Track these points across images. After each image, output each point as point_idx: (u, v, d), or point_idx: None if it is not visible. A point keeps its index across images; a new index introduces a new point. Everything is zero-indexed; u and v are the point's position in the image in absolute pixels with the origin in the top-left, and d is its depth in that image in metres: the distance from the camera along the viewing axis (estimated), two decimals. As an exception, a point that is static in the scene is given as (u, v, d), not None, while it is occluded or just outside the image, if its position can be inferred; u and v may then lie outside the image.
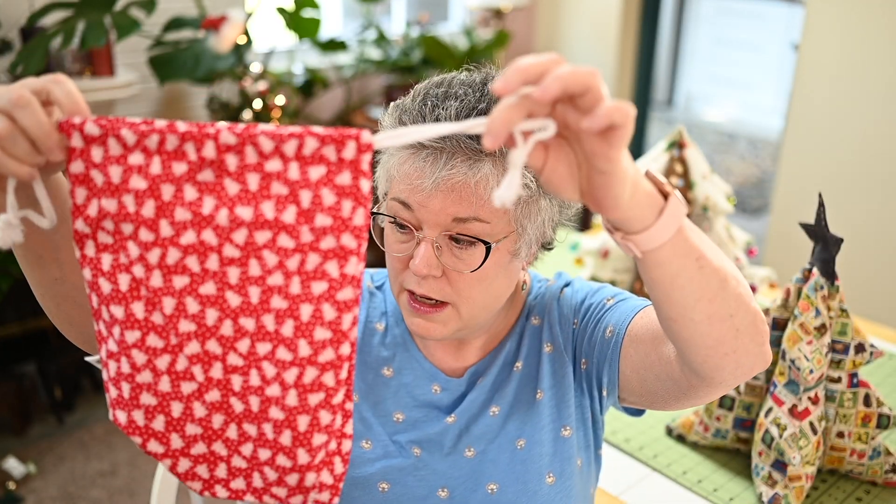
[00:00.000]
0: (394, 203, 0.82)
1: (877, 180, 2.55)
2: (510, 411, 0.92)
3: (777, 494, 1.11)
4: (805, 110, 2.70)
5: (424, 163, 0.79)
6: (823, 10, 2.57)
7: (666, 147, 1.55)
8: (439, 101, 0.80)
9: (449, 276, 0.83)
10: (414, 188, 0.79)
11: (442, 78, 0.84)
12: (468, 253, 0.82)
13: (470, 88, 0.81)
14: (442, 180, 0.78)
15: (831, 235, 1.08)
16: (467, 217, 0.79)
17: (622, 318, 0.86)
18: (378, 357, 0.96)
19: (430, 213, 0.80)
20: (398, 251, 0.84)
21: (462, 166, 0.78)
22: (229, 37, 2.46)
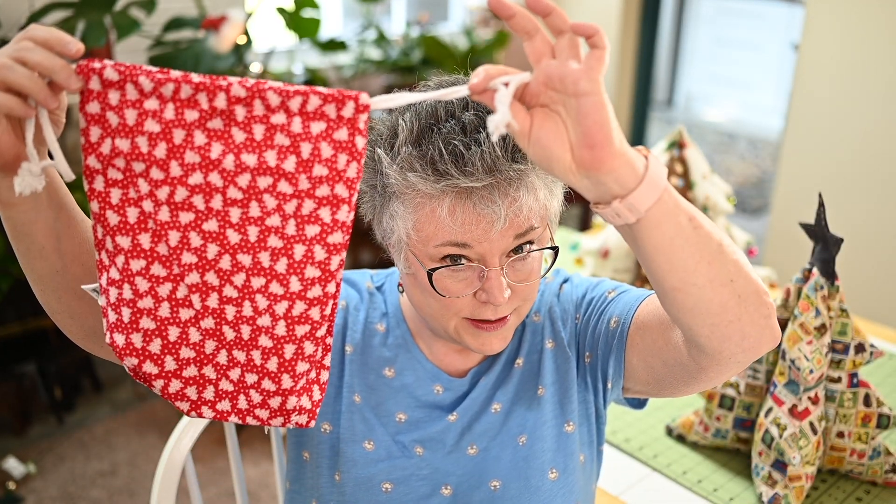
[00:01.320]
0: (445, 248, 0.78)
1: (877, 180, 2.55)
2: (511, 408, 0.93)
3: (777, 494, 1.11)
4: (805, 110, 2.70)
5: (479, 205, 0.75)
6: (823, 10, 2.57)
7: (666, 147, 1.55)
8: (465, 136, 0.75)
9: (516, 290, 0.82)
10: (479, 232, 0.76)
11: (431, 111, 0.78)
12: (528, 262, 0.81)
13: (477, 112, 0.77)
14: (512, 217, 0.76)
15: (831, 235, 1.08)
16: (526, 230, 0.78)
17: (626, 308, 0.87)
18: (379, 358, 0.95)
19: (492, 244, 0.77)
20: (460, 292, 0.81)
21: (521, 194, 0.76)
22: (229, 37, 2.46)
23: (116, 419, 2.74)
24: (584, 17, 4.03)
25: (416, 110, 0.79)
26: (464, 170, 0.74)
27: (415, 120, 0.78)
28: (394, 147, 0.78)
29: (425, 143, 0.76)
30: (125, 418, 2.75)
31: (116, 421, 2.73)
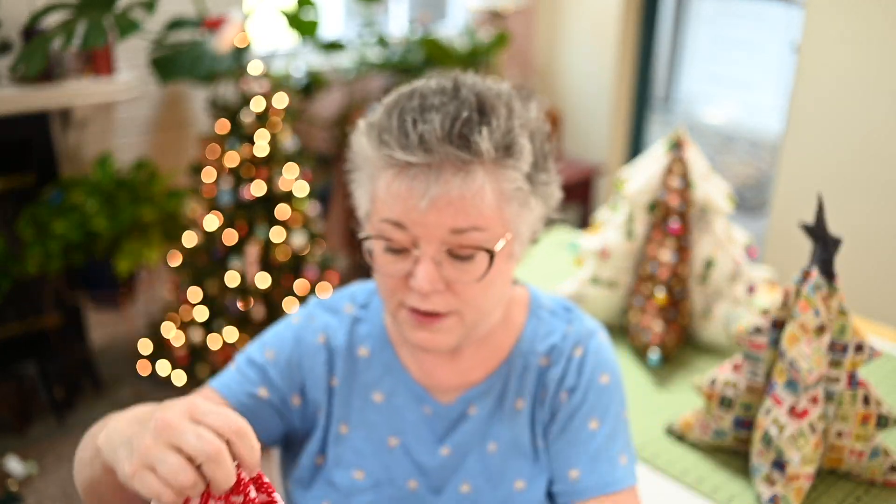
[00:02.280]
0: (384, 224, 0.80)
1: (877, 180, 2.55)
2: (509, 452, 0.91)
3: (776, 494, 1.11)
4: (805, 110, 2.70)
5: (414, 181, 0.77)
6: (823, 10, 2.57)
7: (666, 147, 1.55)
8: (418, 114, 0.77)
9: (453, 288, 0.81)
10: (408, 208, 0.77)
11: (412, 89, 0.82)
12: (468, 263, 0.80)
13: (445, 96, 0.79)
14: (438, 197, 0.76)
15: (831, 236, 1.08)
16: (466, 228, 0.78)
17: (586, 488, 0.88)
18: (364, 383, 0.94)
19: (426, 229, 0.78)
20: (394, 272, 0.82)
21: (455, 179, 0.76)
22: (229, 37, 2.46)
23: (117, 419, 2.74)
24: (584, 17, 4.03)
25: (401, 90, 0.82)
26: (403, 143, 0.76)
27: (394, 96, 0.82)
28: (369, 119, 0.83)
29: (387, 116, 0.79)
30: (126, 418, 2.75)
31: (117, 421, 2.73)
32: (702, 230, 1.52)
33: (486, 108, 0.79)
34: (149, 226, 2.69)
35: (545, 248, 2.03)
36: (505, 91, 0.84)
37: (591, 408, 0.91)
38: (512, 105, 0.82)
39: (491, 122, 0.78)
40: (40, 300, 2.88)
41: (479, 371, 0.94)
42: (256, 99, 2.50)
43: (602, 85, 4.05)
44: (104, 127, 2.88)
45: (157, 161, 3.00)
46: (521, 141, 0.80)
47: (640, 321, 1.51)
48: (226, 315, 2.56)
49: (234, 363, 0.96)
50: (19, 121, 2.67)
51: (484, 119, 0.78)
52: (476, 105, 0.79)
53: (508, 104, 0.82)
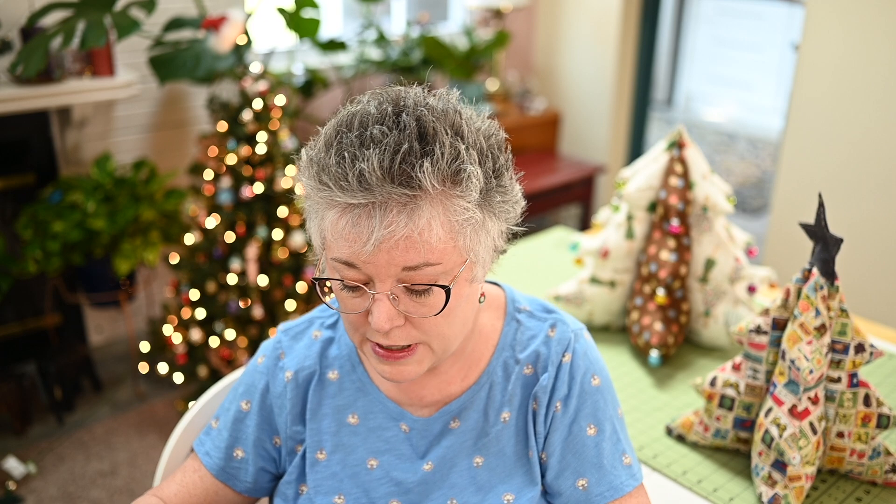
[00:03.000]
0: (336, 264, 0.77)
1: (877, 180, 2.55)
2: (498, 464, 0.90)
3: (777, 494, 1.11)
4: (805, 110, 2.70)
5: (359, 221, 0.73)
6: (823, 10, 2.57)
7: (666, 147, 1.55)
8: (357, 149, 0.73)
9: (413, 322, 0.79)
10: (356, 250, 0.74)
11: (350, 116, 0.77)
12: (425, 298, 0.78)
13: (385, 126, 0.74)
14: (383, 239, 0.73)
15: (831, 235, 1.08)
16: (418, 264, 0.75)
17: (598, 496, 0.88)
18: (337, 406, 0.93)
19: (377, 268, 0.75)
20: (352, 308, 0.80)
21: (400, 218, 0.72)
22: (229, 37, 2.46)
23: (116, 419, 2.74)
24: (584, 17, 4.03)
25: (340, 115, 0.78)
26: (340, 184, 0.72)
27: (333, 125, 0.77)
28: (310, 151, 0.78)
29: (325, 151, 0.75)
30: (125, 418, 2.74)
31: (116, 421, 2.73)
32: (702, 230, 1.52)
33: (428, 137, 0.74)
34: (148, 225, 2.68)
35: (545, 248, 2.03)
36: (451, 106, 0.78)
37: (588, 413, 0.91)
38: (458, 124, 0.77)
39: (434, 151, 0.73)
40: (40, 300, 2.88)
41: (457, 384, 0.92)
42: (256, 98, 2.50)
43: (602, 85, 4.04)
44: (103, 126, 2.88)
45: (157, 161, 3.00)
46: (469, 167, 0.75)
47: (640, 321, 1.51)
48: (225, 315, 2.56)
49: (215, 420, 1.00)
50: (19, 120, 2.67)
51: (426, 149, 0.73)
52: (417, 133, 0.74)
53: (454, 124, 0.76)
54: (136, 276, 2.90)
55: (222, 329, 2.55)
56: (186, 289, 2.60)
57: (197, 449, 0.99)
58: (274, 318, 2.59)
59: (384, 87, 0.81)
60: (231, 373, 1.58)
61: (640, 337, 1.50)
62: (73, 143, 2.80)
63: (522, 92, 4.19)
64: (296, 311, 2.59)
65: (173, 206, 2.74)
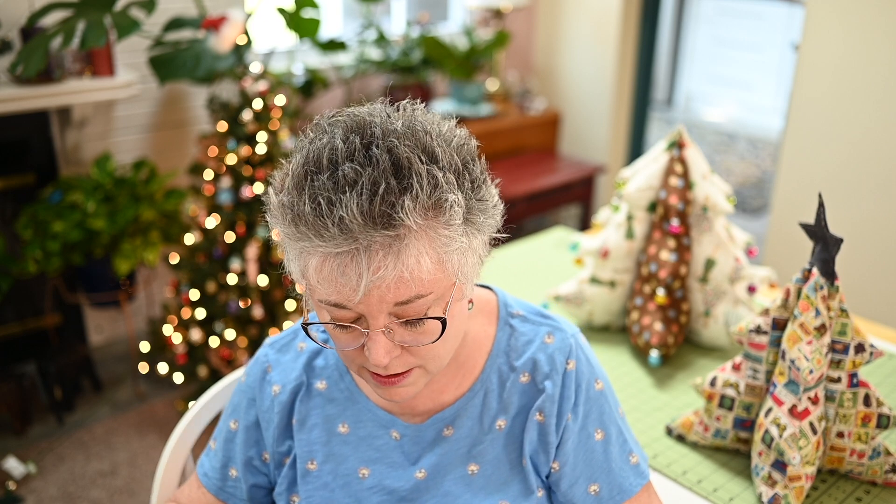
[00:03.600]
0: (325, 306, 0.75)
1: (877, 180, 2.55)
2: (493, 472, 0.89)
3: (777, 494, 1.11)
4: (805, 110, 2.70)
5: (345, 269, 0.70)
6: (823, 10, 2.57)
7: (666, 147, 1.55)
8: (332, 193, 0.69)
9: (409, 350, 0.78)
10: (345, 295, 0.72)
11: (318, 153, 0.72)
12: (420, 329, 0.76)
13: (356, 164, 0.70)
14: (373, 284, 0.70)
15: (831, 235, 1.08)
16: (409, 299, 0.73)
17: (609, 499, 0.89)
18: (327, 416, 0.92)
19: (369, 307, 0.73)
20: (348, 345, 0.78)
21: (388, 260, 0.70)
22: (229, 37, 2.46)
23: (116, 419, 2.74)
24: (584, 17, 4.03)
25: (307, 152, 0.74)
26: (321, 233, 0.69)
27: (301, 163, 0.73)
28: (279, 192, 0.75)
29: (297, 195, 0.71)
30: (125, 418, 2.74)
31: (116, 421, 2.73)
32: (702, 230, 1.52)
33: (404, 170, 0.70)
34: (148, 225, 2.69)
35: (545, 248, 2.03)
36: (419, 125, 0.75)
37: (595, 419, 0.91)
38: (430, 147, 0.73)
39: (412, 186, 0.70)
40: (40, 300, 2.88)
41: (450, 392, 0.91)
42: (256, 98, 2.50)
43: (602, 85, 4.04)
44: (103, 126, 2.88)
45: (157, 161, 3.00)
46: (450, 197, 0.72)
47: (640, 321, 1.51)
48: (225, 315, 2.56)
49: (213, 441, 1.00)
50: (19, 120, 2.67)
51: (403, 185, 0.70)
52: (391, 167, 0.70)
53: (426, 148, 0.73)
54: (136, 276, 2.91)
55: (222, 329, 2.55)
56: (186, 289, 2.60)
57: (198, 470, 1.00)
58: (274, 317, 2.59)
59: (345, 111, 0.77)
60: (231, 373, 1.58)
61: (640, 337, 1.50)
62: (73, 143, 2.80)
63: (522, 92, 4.19)
64: (296, 311, 2.59)
65: (173, 206, 2.74)
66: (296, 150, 0.77)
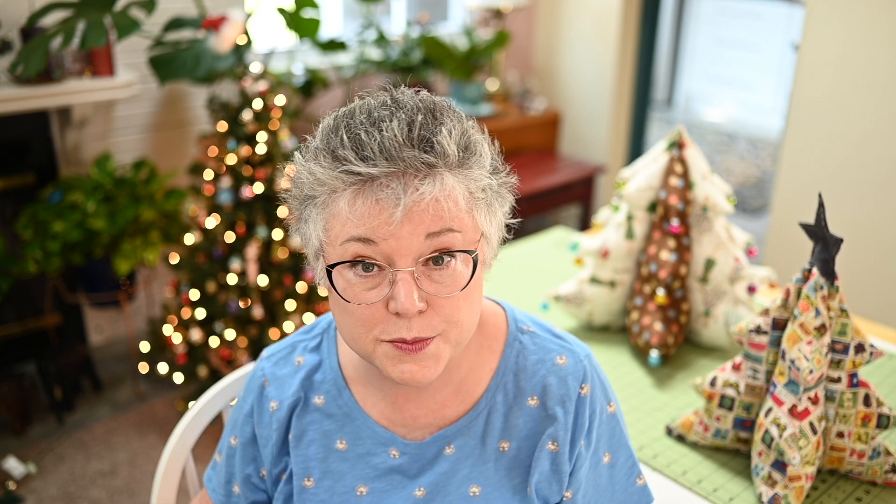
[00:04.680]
0: (351, 244, 0.73)
1: (877, 180, 2.55)
2: (497, 497, 0.86)
3: (777, 494, 1.11)
4: (805, 110, 2.70)
5: (381, 194, 0.71)
6: (823, 10, 2.57)
7: (666, 147, 1.55)
8: (370, 126, 0.72)
9: (434, 305, 0.75)
10: (379, 224, 0.71)
11: (350, 109, 0.77)
12: (448, 273, 0.75)
13: (389, 109, 0.74)
14: (412, 205, 0.71)
15: (831, 235, 1.08)
16: (441, 230, 0.72)
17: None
18: (325, 432, 0.90)
19: (399, 241, 0.71)
20: (371, 299, 0.74)
21: (426, 184, 0.71)
22: (229, 37, 2.46)
23: (116, 419, 2.74)
24: (584, 17, 4.03)
25: (336, 113, 0.78)
26: (361, 154, 0.71)
27: (331, 120, 0.77)
28: (309, 148, 0.77)
29: (333, 137, 0.74)
30: (125, 418, 2.74)
31: (116, 421, 2.73)
32: (702, 230, 1.52)
33: (437, 112, 0.75)
34: (148, 225, 2.69)
35: (545, 248, 2.03)
36: (444, 99, 0.80)
37: (605, 442, 0.89)
38: (453, 107, 0.79)
39: (446, 122, 0.74)
40: (40, 300, 2.88)
41: (453, 408, 0.88)
42: (256, 98, 2.50)
43: (602, 85, 4.04)
44: (103, 126, 2.88)
45: (157, 161, 3.00)
46: (477, 138, 0.78)
47: (640, 321, 1.51)
48: (225, 315, 2.56)
49: (218, 455, 1.00)
50: (19, 120, 2.67)
51: (438, 121, 0.74)
52: (425, 109, 0.74)
53: (450, 107, 0.78)
54: (136, 276, 2.91)
55: (222, 329, 2.55)
56: (186, 289, 2.60)
57: (206, 484, 1.00)
58: (274, 317, 2.59)
59: (368, 90, 0.80)
60: (231, 373, 1.58)
61: (640, 337, 1.50)
62: (73, 143, 2.80)
63: (522, 92, 4.19)
64: (296, 311, 2.59)
65: (173, 206, 2.74)
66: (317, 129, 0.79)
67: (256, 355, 2.55)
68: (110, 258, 2.68)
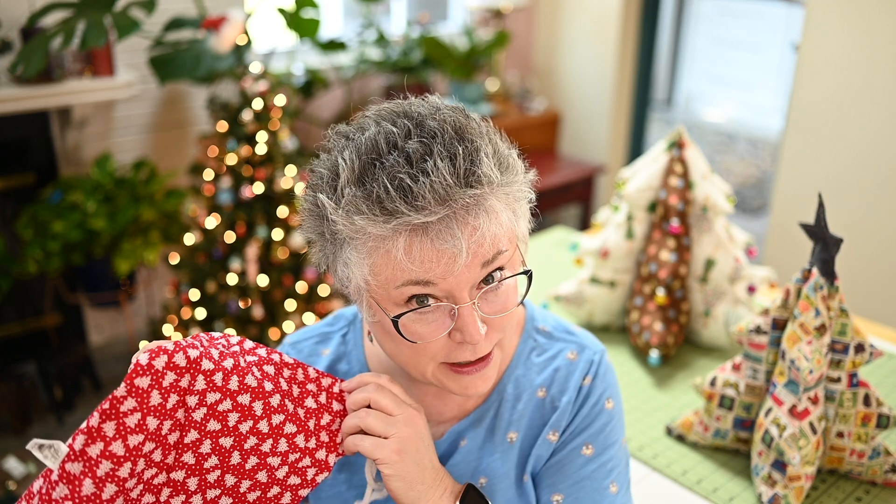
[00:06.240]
0: (408, 288, 0.71)
1: (877, 180, 2.55)
2: (500, 485, 0.87)
3: (777, 494, 1.11)
4: (805, 110, 2.70)
5: (439, 239, 0.69)
6: (823, 10, 2.57)
7: (666, 147, 1.55)
8: (411, 168, 0.68)
9: (492, 322, 0.76)
10: (440, 268, 0.70)
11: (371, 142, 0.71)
12: (502, 291, 0.76)
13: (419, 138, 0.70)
14: (475, 246, 0.70)
15: (831, 235, 1.08)
16: (493, 256, 0.72)
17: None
18: None
19: (459, 277, 0.71)
20: (433, 335, 0.74)
21: (480, 219, 0.70)
22: (229, 37, 2.46)
23: (116, 419, 2.74)
24: (584, 18, 4.03)
25: (355, 146, 0.72)
26: (414, 204, 0.67)
27: (355, 157, 0.71)
28: (336, 189, 0.71)
29: (369, 181, 0.69)
30: (125, 418, 2.75)
31: (116, 421, 2.73)
32: (702, 230, 1.52)
33: (466, 135, 0.72)
34: (148, 225, 2.68)
35: (545, 248, 2.03)
36: (453, 105, 0.77)
37: (591, 434, 0.87)
38: (470, 117, 0.76)
39: (479, 146, 0.71)
40: (40, 300, 2.88)
41: (473, 400, 0.89)
42: (256, 98, 2.50)
43: (602, 85, 4.04)
44: (104, 126, 2.88)
45: (157, 161, 3.00)
46: (503, 148, 0.76)
47: (640, 321, 1.51)
48: (225, 315, 2.56)
49: None
50: (19, 120, 2.67)
51: (474, 146, 0.71)
52: (455, 136, 0.71)
53: (469, 117, 0.76)
54: (136, 276, 2.90)
55: (222, 329, 2.55)
56: (186, 289, 2.60)
57: None
58: (274, 317, 2.59)
59: (376, 107, 0.77)
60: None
61: (640, 337, 1.50)
62: (73, 143, 2.80)
63: (522, 92, 4.19)
64: (296, 311, 2.59)
65: (173, 206, 2.74)
66: (329, 157, 0.75)
67: (256, 355, 2.55)
68: (110, 258, 2.68)
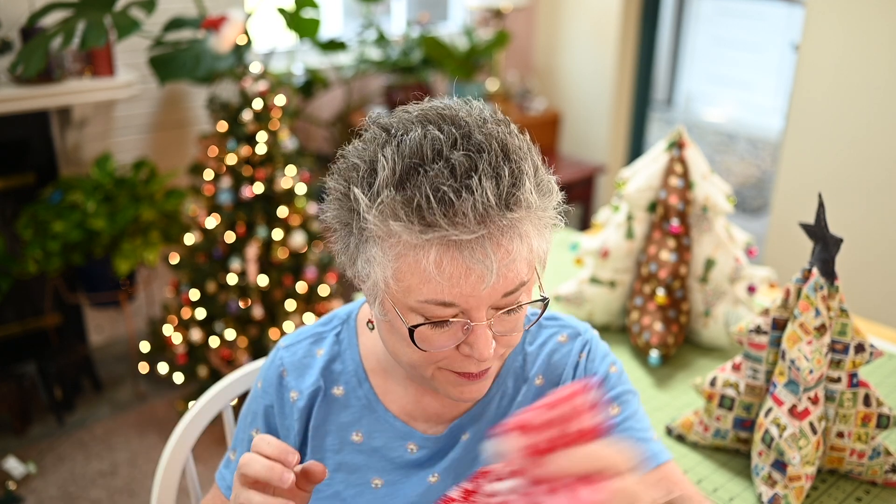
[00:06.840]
0: (427, 306, 0.70)
1: (877, 180, 2.55)
2: None
3: (777, 494, 1.11)
4: (805, 110, 2.70)
5: (471, 258, 0.67)
6: (823, 10, 2.57)
7: (666, 147, 1.55)
8: (455, 181, 0.67)
9: (500, 341, 0.76)
10: (465, 287, 0.69)
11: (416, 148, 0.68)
12: (520, 315, 0.76)
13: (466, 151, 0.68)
14: (504, 270, 0.69)
15: (831, 235, 1.08)
16: (516, 287, 0.71)
17: None
18: (341, 424, 0.90)
19: (479, 300, 0.70)
20: (443, 345, 0.74)
21: (514, 242, 0.69)
22: (229, 37, 2.46)
23: (116, 419, 2.74)
24: (584, 18, 4.03)
25: (397, 144, 0.69)
26: (454, 220, 0.66)
27: (397, 158, 0.68)
28: (373, 187, 0.69)
29: (410, 187, 0.67)
30: (125, 418, 2.74)
31: (116, 421, 2.73)
32: (702, 230, 1.52)
33: (511, 154, 0.70)
34: (148, 225, 2.68)
35: (545, 247, 2.03)
36: (490, 113, 0.75)
37: (610, 397, 0.89)
38: (517, 131, 0.75)
39: (523, 168, 0.70)
40: (40, 300, 2.88)
41: None
42: (256, 98, 2.50)
43: (602, 85, 4.04)
44: (103, 126, 2.88)
45: (157, 161, 3.00)
46: (543, 171, 0.74)
47: (640, 321, 1.51)
48: (225, 315, 2.56)
49: (233, 452, 0.97)
50: (19, 120, 2.67)
51: (519, 167, 0.69)
52: (502, 154, 0.69)
53: (512, 132, 0.74)
54: (136, 276, 2.91)
55: (222, 329, 2.55)
56: (186, 289, 2.60)
57: (219, 483, 0.96)
58: (274, 317, 2.59)
59: (419, 105, 0.76)
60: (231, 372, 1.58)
61: (640, 337, 1.50)
62: (73, 143, 2.80)
63: (522, 92, 4.19)
64: (296, 311, 2.59)
65: (173, 206, 2.74)
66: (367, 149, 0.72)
67: (257, 355, 2.55)
68: (110, 258, 2.68)
